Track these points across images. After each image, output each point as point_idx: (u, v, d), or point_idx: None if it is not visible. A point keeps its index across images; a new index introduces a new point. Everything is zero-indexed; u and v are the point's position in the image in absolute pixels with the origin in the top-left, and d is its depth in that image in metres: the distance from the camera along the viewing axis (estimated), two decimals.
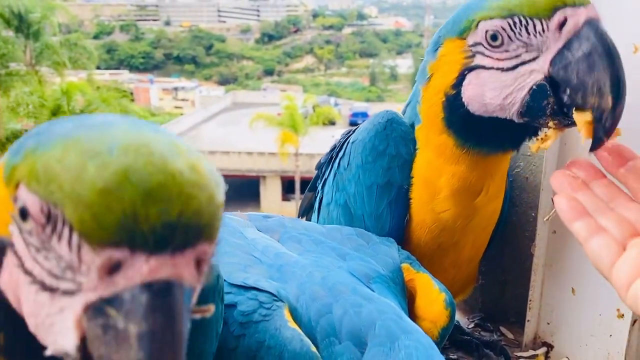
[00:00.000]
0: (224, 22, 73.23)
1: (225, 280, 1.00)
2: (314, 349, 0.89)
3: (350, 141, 1.32)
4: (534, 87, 0.99)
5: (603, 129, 0.92)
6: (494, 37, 1.01)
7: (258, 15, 74.73)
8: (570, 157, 1.33)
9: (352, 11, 76.10)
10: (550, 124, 1.01)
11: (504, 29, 0.99)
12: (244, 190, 24.62)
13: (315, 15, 73.06)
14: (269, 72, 60.49)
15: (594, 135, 0.93)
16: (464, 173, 1.16)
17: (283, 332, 0.90)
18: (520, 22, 0.97)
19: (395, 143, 1.22)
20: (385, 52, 63.82)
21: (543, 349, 1.47)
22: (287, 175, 23.11)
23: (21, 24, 20.80)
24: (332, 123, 28.26)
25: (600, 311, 1.34)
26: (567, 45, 0.94)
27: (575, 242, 1.36)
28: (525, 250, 1.47)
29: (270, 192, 23.59)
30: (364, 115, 32.79)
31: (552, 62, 0.97)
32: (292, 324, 0.92)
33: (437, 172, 1.19)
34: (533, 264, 1.43)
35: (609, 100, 0.91)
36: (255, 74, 59.48)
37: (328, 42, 65.93)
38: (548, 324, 1.47)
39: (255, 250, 1.09)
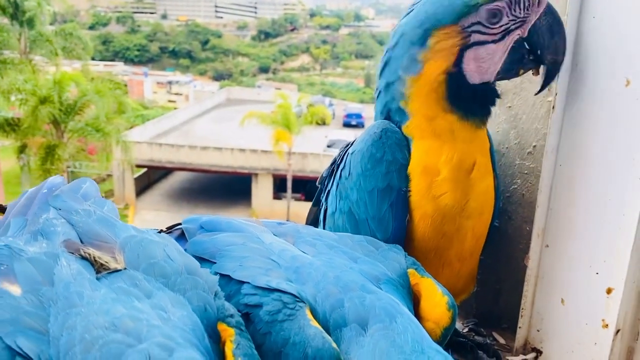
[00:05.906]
0: (221, 17, 72.99)
1: (249, 282, 1.10)
2: (334, 345, 0.98)
3: (350, 152, 1.43)
4: (513, 44, 1.26)
5: (551, 77, 1.29)
6: (494, 15, 1.24)
7: (255, 12, 74.56)
8: (565, 177, 1.44)
9: (350, 12, 76.14)
10: (521, 72, 1.30)
11: (504, 7, 1.24)
12: (235, 187, 24.60)
13: (312, 15, 73.03)
14: (264, 70, 60.40)
15: (544, 81, 1.30)
16: (461, 147, 1.31)
17: (306, 330, 0.99)
18: (518, 1, 1.24)
19: (391, 150, 1.34)
20: (381, 54, 63.67)
21: (533, 354, 1.56)
22: (279, 174, 23.11)
23: (16, 12, 20.65)
24: (326, 123, 28.20)
25: (586, 321, 1.43)
26: (540, 18, 1.25)
27: (566, 255, 1.47)
28: (519, 262, 1.56)
29: (262, 190, 23.57)
30: (358, 116, 32.72)
31: (529, 29, 1.26)
32: (314, 323, 1.00)
33: (437, 154, 1.32)
34: (526, 275, 1.52)
35: (560, 57, 1.27)
36: (251, 71, 59.38)
37: (324, 42, 65.97)
38: (538, 331, 1.56)
39: (272, 254, 1.17)
